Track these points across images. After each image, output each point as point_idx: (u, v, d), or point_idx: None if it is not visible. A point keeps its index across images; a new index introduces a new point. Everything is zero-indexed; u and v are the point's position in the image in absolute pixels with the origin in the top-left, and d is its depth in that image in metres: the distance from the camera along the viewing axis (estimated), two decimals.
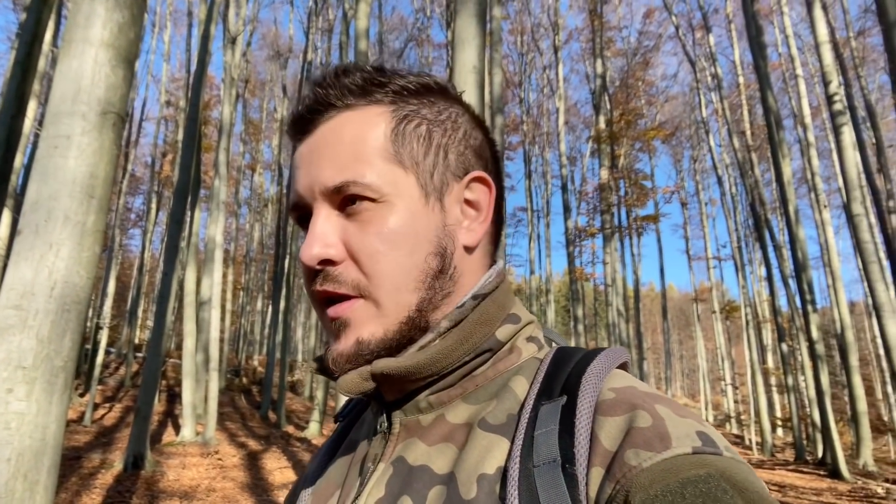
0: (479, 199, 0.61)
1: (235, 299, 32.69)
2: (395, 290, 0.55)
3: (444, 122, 0.61)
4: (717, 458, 0.43)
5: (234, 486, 8.71)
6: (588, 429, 0.47)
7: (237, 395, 20.03)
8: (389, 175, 0.56)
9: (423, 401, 0.58)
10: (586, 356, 0.55)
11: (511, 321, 0.60)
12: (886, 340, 10.33)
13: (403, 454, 0.57)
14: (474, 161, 0.62)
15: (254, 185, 35.59)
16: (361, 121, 0.58)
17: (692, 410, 0.49)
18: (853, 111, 14.25)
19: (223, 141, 13.83)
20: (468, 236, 0.60)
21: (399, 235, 0.55)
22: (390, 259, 0.55)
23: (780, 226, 23.63)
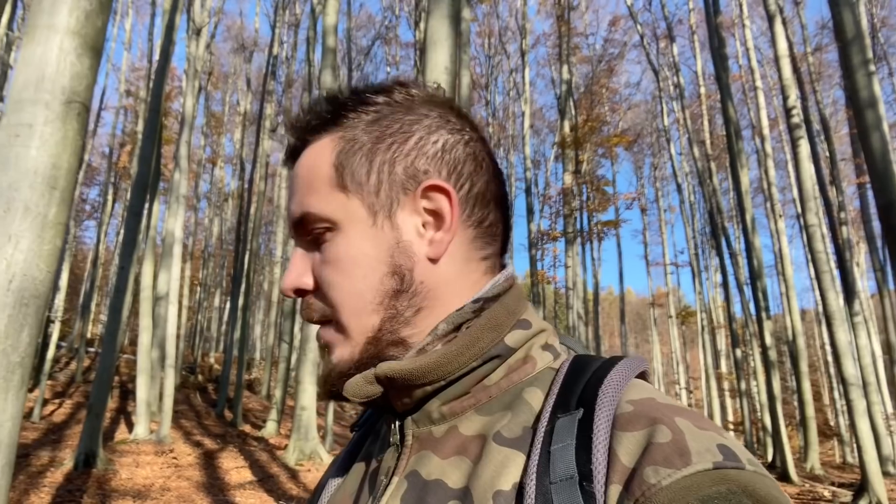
0: (439, 208, 0.59)
1: (192, 295, 32.12)
2: (354, 314, 0.57)
3: (392, 136, 0.60)
4: (739, 472, 0.42)
5: (190, 486, 8.55)
6: (606, 444, 0.46)
7: (192, 392, 19.68)
8: (335, 202, 0.58)
9: (436, 411, 0.57)
10: (603, 366, 0.54)
11: (521, 326, 0.59)
12: (836, 348, 10.62)
13: (417, 468, 0.56)
14: (431, 168, 0.60)
15: (214, 179, 35.04)
16: (314, 153, 0.61)
17: (713, 422, 0.48)
18: (809, 124, 14.64)
19: (185, 133, 13.58)
20: (431, 248, 0.58)
21: (349, 262, 0.57)
22: (345, 287, 0.57)
23: (736, 234, 24.15)
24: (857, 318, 15.95)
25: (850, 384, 10.41)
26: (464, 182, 0.60)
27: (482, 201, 0.61)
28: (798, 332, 15.76)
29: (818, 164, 14.79)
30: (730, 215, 26.26)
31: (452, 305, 0.58)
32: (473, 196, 0.61)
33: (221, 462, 10.59)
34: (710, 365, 29.90)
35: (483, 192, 0.61)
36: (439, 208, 0.59)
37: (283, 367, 15.61)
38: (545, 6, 28.01)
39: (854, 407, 10.42)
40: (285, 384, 15.41)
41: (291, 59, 25.53)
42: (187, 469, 9.68)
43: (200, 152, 31.19)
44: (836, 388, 25.96)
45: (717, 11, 15.65)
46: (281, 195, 27.87)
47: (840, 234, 15.58)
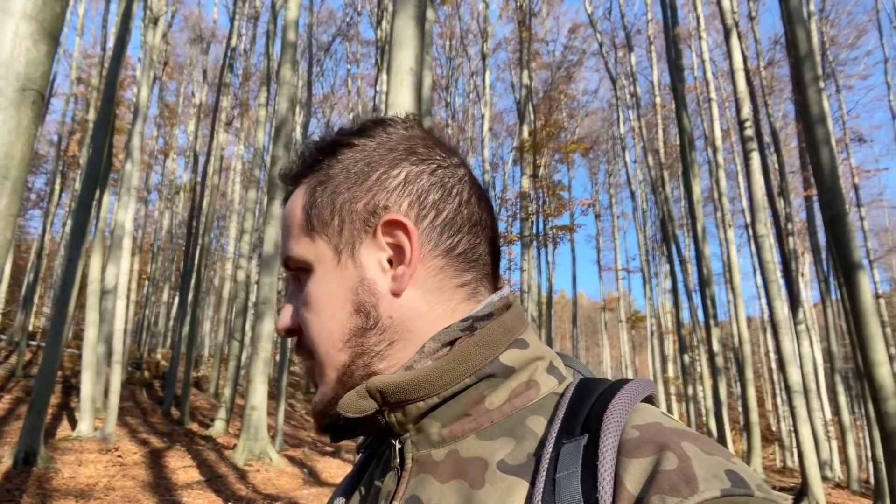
0: (400, 242, 0.59)
1: (140, 289, 31.36)
2: (326, 353, 0.59)
3: (355, 175, 0.61)
4: (747, 499, 0.42)
5: (135, 485, 8.33)
6: (612, 471, 0.45)
7: (138, 389, 19.17)
8: (306, 245, 0.61)
9: (436, 434, 0.56)
10: (609, 389, 0.53)
11: (518, 346, 0.58)
12: (782, 355, 10.94)
13: (416, 492, 0.55)
14: (391, 202, 0.60)
15: (166, 171, 34.24)
16: (292, 199, 0.65)
17: (721, 447, 0.47)
18: (760, 137, 15.07)
19: (138, 124, 13.24)
20: (394, 283, 0.59)
21: (317, 302, 0.60)
22: (316, 326, 0.60)
23: (686, 242, 24.70)
24: (801, 326, 16.48)
25: (794, 391, 10.74)
26: (427, 211, 0.60)
27: (451, 228, 0.60)
28: (744, 339, 16.19)
29: (768, 175, 15.23)
30: (681, 223, 26.85)
31: (429, 335, 0.58)
32: (441, 224, 0.60)
33: (168, 461, 10.35)
34: (658, 369, 30.51)
35: (452, 218, 0.60)
36: (400, 242, 0.59)
37: (233, 365, 15.33)
38: (507, 11, 28.22)
39: (797, 413, 10.75)
40: (235, 383, 15.15)
41: (250, 53, 25.16)
42: (133, 468, 9.43)
43: (153, 143, 30.50)
44: (779, 395, 26.77)
45: (674, 23, 16.00)
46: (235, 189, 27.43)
47: (787, 245, 16.07)
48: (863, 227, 23.25)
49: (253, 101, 25.70)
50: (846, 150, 23.23)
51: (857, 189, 23.10)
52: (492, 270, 0.63)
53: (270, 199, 11.43)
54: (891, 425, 6.13)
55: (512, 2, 24.30)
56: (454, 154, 0.64)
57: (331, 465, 12.23)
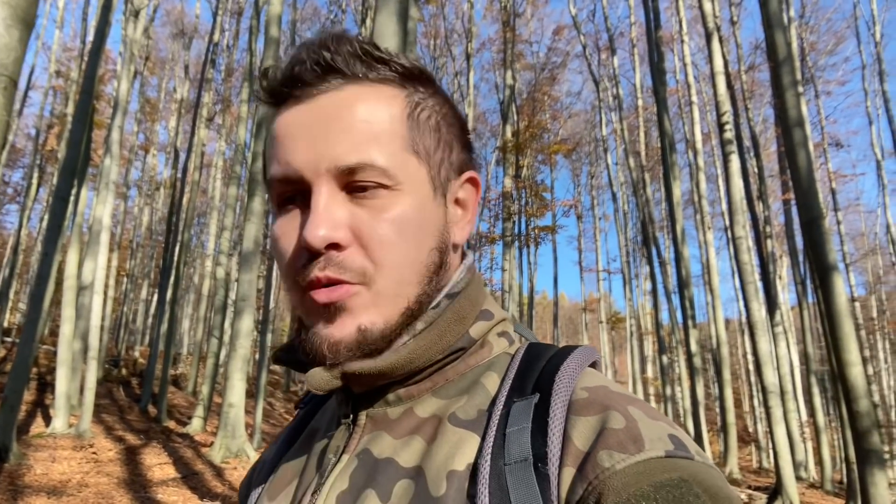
0: (467, 199, 0.61)
1: (118, 286, 31.03)
2: (399, 280, 0.54)
3: (447, 117, 0.60)
4: (689, 462, 0.43)
5: (110, 482, 8.24)
6: (561, 428, 0.47)
7: (115, 386, 18.97)
8: (405, 163, 0.55)
9: (392, 394, 0.57)
10: (559, 353, 0.55)
11: (484, 318, 0.59)
12: (758, 356, 11.05)
13: (369, 446, 0.55)
14: (468, 160, 0.62)
15: (146, 167, 33.91)
16: (375, 99, 0.55)
17: (663, 414, 0.49)
18: (740, 140, 15.21)
19: (118, 118, 13.09)
20: (459, 234, 0.60)
21: (410, 226, 0.54)
22: (400, 249, 0.53)
23: (666, 244, 24.88)
24: (778, 328, 16.66)
25: (770, 392, 10.85)
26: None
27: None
28: (722, 341, 16.34)
29: (747, 179, 15.38)
30: (661, 225, 27.04)
31: (440, 293, 0.58)
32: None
33: (144, 458, 10.25)
34: (638, 370, 30.75)
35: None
36: (467, 199, 0.61)
37: (211, 362, 15.22)
38: (491, 11, 28.25)
39: (772, 414, 10.87)
40: (213, 380, 15.03)
41: (233, 48, 24.98)
42: (108, 465, 9.33)
43: (133, 139, 30.16)
44: (755, 396, 27.03)
45: (657, 26, 16.11)
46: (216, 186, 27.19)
47: (765, 248, 16.24)
48: (839, 231, 23.57)
49: (235, 97, 25.52)
50: (824, 155, 23.54)
51: (834, 193, 23.41)
52: None
53: (251, 195, 11.36)
54: (862, 424, 6.21)
55: (496, 2, 24.36)
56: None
57: None
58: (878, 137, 24.15)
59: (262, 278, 19.80)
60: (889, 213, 23.95)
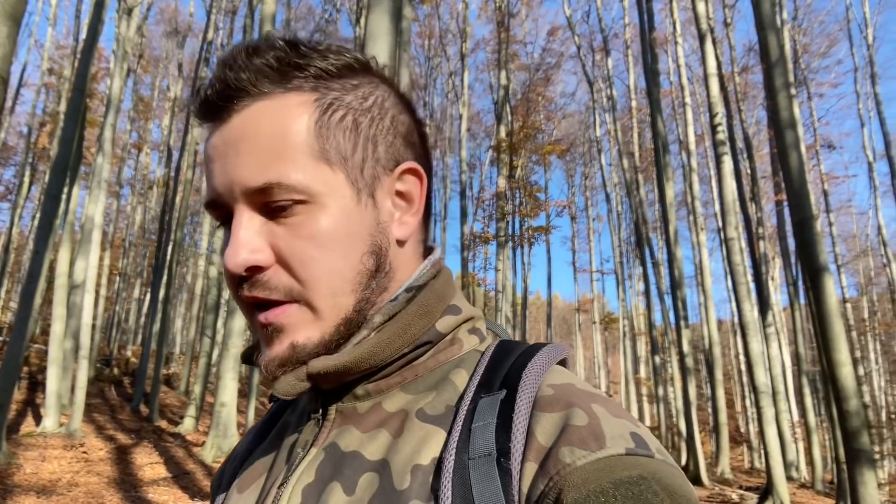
0: (409, 191, 0.59)
1: (111, 285, 30.90)
2: (331, 294, 0.53)
3: (371, 110, 0.57)
4: (649, 460, 0.44)
5: (100, 481, 8.21)
6: (525, 424, 0.47)
7: (107, 386, 18.89)
8: (317, 173, 0.53)
9: (361, 388, 0.57)
10: (528, 351, 0.55)
11: (451, 312, 0.59)
12: (750, 357, 11.09)
13: (336, 440, 0.55)
14: (404, 150, 0.59)
15: (139, 165, 33.80)
16: (281, 111, 0.53)
17: (626, 411, 0.50)
18: (733, 142, 15.26)
19: (110, 116, 13.04)
20: (400, 230, 0.58)
21: (332, 238, 0.53)
22: (324, 263, 0.52)
23: (659, 244, 24.96)
24: (770, 329, 16.71)
25: (761, 392, 10.89)
26: (425, 165, 0.61)
27: (428, 187, 0.61)
28: (714, 342, 16.38)
29: (740, 180, 15.43)
30: (654, 226, 27.10)
31: (400, 287, 0.58)
32: (428, 181, 0.61)
33: (135, 457, 10.22)
34: (630, 370, 30.79)
35: (430, 180, 0.61)
36: (409, 191, 0.59)
37: (203, 362, 15.19)
38: (486, 11, 28.28)
39: (763, 414, 10.90)
40: (205, 380, 15.00)
41: (227, 47, 24.90)
42: (98, 464, 9.29)
43: (126, 137, 30.05)
44: (747, 397, 27.11)
45: (651, 28, 16.15)
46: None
47: (757, 249, 16.29)
48: (831, 232, 23.68)
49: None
50: (816, 157, 23.64)
51: (826, 195, 23.51)
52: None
53: None
54: (852, 424, 6.24)
55: (491, 2, 24.37)
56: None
57: None
58: (869, 139, 24.27)
59: None
60: (880, 215, 24.05)
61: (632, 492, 0.41)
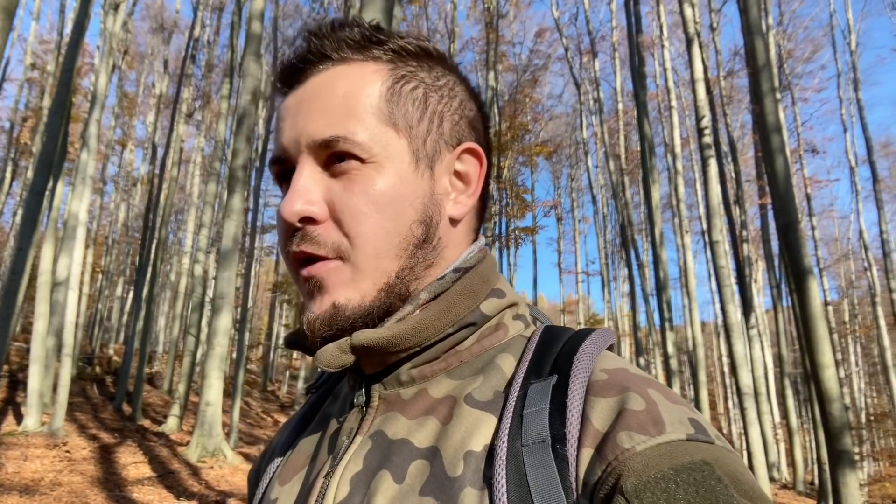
0: (468, 172, 0.60)
1: (94, 282, 30.62)
2: (375, 254, 0.54)
3: (442, 88, 0.60)
4: (710, 446, 0.43)
5: (84, 481, 8.13)
6: (580, 409, 0.47)
7: (89, 384, 18.71)
8: (381, 135, 0.55)
9: (405, 374, 0.57)
10: (576, 336, 0.55)
11: (496, 295, 0.59)
12: (734, 358, 11.18)
13: (382, 428, 0.55)
14: (468, 132, 0.61)
15: (123, 162, 33.49)
16: (356, 76, 0.57)
17: (682, 398, 0.49)
18: (718, 145, 15.36)
19: (95, 112, 12.91)
20: (455, 208, 0.59)
21: (385, 198, 0.54)
22: (374, 222, 0.54)
23: (645, 246, 25.10)
24: (753, 331, 16.86)
25: (745, 394, 10.99)
26: (485, 154, 0.62)
27: (488, 177, 0.63)
28: (698, 343, 16.48)
29: (724, 183, 15.53)
30: (640, 228, 27.24)
31: (447, 268, 0.58)
32: (487, 169, 0.62)
33: (119, 457, 10.13)
34: None
35: (489, 169, 0.62)
36: (468, 172, 0.60)
37: (187, 360, 15.07)
38: (474, 12, 28.31)
39: (747, 415, 11.00)
40: (190, 379, 14.88)
41: (213, 44, 24.76)
42: (81, 463, 9.20)
43: (110, 133, 29.76)
44: (730, 398, 27.34)
45: (638, 31, 16.23)
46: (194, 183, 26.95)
47: (741, 252, 16.43)
48: (814, 236, 23.93)
49: (215, 93, 25.29)
50: (800, 161, 23.88)
51: (809, 199, 23.76)
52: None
53: (230, 192, 11.26)
54: (835, 426, 6.32)
55: (480, 3, 24.40)
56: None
57: None
58: (852, 144, 24.57)
59: (240, 276, 19.64)
60: (862, 219, 24.35)
61: (694, 478, 0.40)
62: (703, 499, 0.39)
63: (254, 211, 19.02)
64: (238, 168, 11.24)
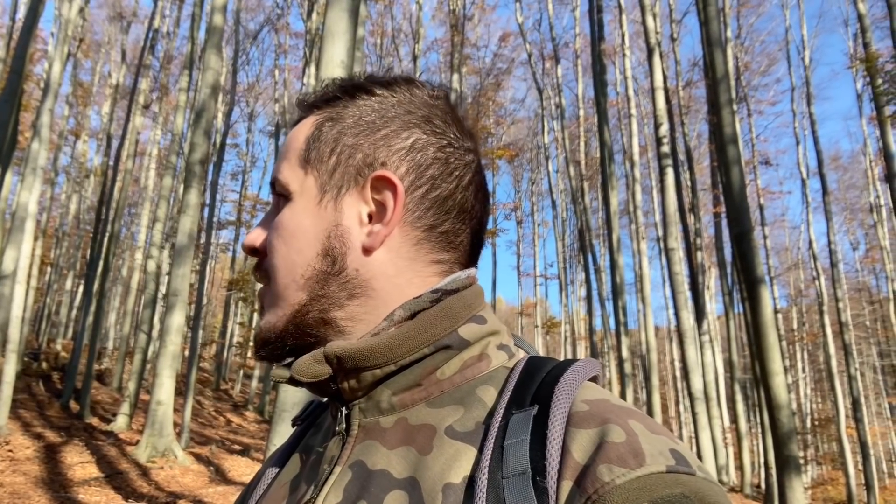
0: (384, 201, 0.59)
1: (42, 276, 29.73)
2: (284, 285, 0.59)
3: (365, 124, 0.61)
4: (690, 478, 0.43)
5: (27, 481, 7.88)
6: (560, 440, 0.46)
7: (35, 381, 18.14)
8: (295, 174, 0.61)
9: (385, 401, 0.56)
10: (559, 366, 0.54)
11: (476, 321, 0.59)
12: (686, 363, 11.40)
13: (362, 457, 0.54)
14: (389, 161, 0.59)
15: (76, 153, 32.60)
16: (300, 126, 0.64)
17: (664, 428, 0.49)
18: (675, 154, 15.67)
19: (48, 101, 12.52)
20: (368, 239, 0.58)
21: (288, 232, 0.59)
22: (281, 254, 0.59)
23: (602, 251, 25.44)
24: (705, 336, 17.21)
25: (696, 398, 11.21)
26: (423, 183, 0.60)
27: (441, 207, 0.60)
28: (652, 348, 16.76)
29: (681, 191, 15.85)
30: (597, 233, 27.59)
31: (392, 299, 0.58)
32: (432, 200, 0.60)
33: (65, 456, 9.84)
34: None
35: (445, 198, 0.60)
36: (385, 201, 0.59)
37: (138, 358, 14.74)
38: (440, 14, 28.33)
39: (698, 420, 11.23)
40: (140, 377, 14.56)
41: (173, 35, 24.28)
42: (25, 463, 8.91)
43: (63, 123, 28.97)
44: (682, 402, 27.86)
45: (601, 39, 16.45)
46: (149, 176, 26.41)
47: (695, 259, 16.77)
48: (766, 245, 24.55)
49: (173, 85, 24.83)
50: (754, 172, 24.49)
51: (762, 209, 24.38)
52: (468, 259, 0.64)
53: (187, 187, 11.06)
54: (782, 431, 6.48)
55: (445, 5, 24.42)
56: (470, 138, 0.65)
57: (239, 464, 11.92)
58: (804, 157, 25.26)
59: (195, 273, 19.30)
60: (811, 230, 25.05)
61: None
62: None
63: (210, 206, 18.73)
64: (195, 162, 11.04)
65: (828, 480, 27.69)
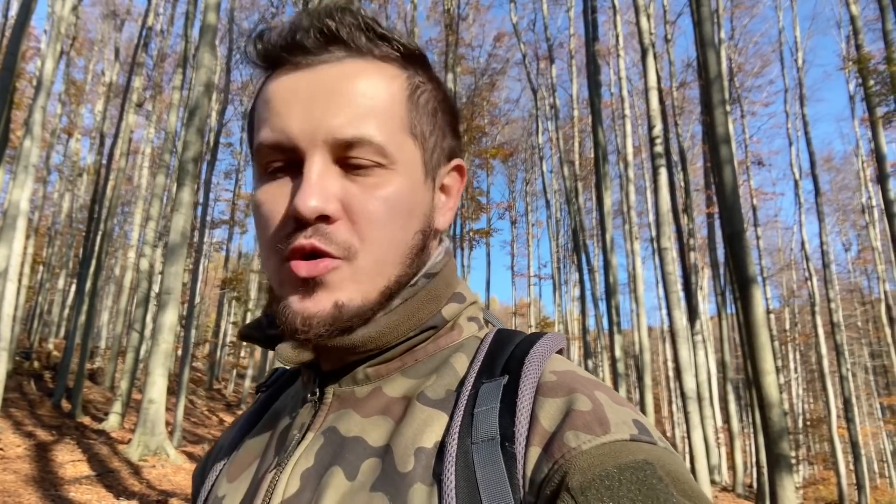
0: (451, 185, 0.63)
1: (34, 274, 29.59)
2: (381, 259, 0.54)
3: (442, 103, 0.61)
4: (652, 447, 0.45)
5: (17, 479, 7.85)
6: (529, 408, 0.48)
7: (26, 380, 18.07)
8: (402, 143, 0.55)
9: (361, 372, 0.57)
10: (528, 339, 0.56)
11: (457, 300, 0.61)
12: (679, 363, 11.42)
13: (336, 424, 0.55)
14: (457, 148, 0.63)
15: (69, 151, 32.45)
16: (377, 76, 0.55)
17: (628, 401, 0.51)
18: (669, 155, 15.69)
19: (40, 98, 12.47)
20: (442, 220, 0.61)
21: (398, 206, 0.54)
22: (387, 228, 0.54)
23: (596, 252, 25.48)
24: (698, 337, 17.26)
25: (689, 398, 11.23)
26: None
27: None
28: (645, 347, 16.80)
29: (674, 192, 15.89)
30: (591, 234, 27.66)
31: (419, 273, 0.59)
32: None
33: (56, 455, 9.81)
34: None
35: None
36: (452, 185, 0.63)
37: (130, 357, 14.70)
38: (434, 13, 28.31)
39: (690, 419, 11.25)
40: (133, 376, 14.52)
41: (167, 33, 24.22)
42: (16, 461, 8.88)
43: (56, 121, 28.84)
44: (675, 402, 27.93)
45: (595, 39, 16.46)
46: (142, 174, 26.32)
47: (688, 259, 16.81)
48: (758, 245, 24.64)
49: (167, 83, 24.76)
50: (747, 173, 24.58)
51: (755, 210, 24.46)
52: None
53: (180, 185, 11.03)
54: (774, 431, 6.51)
55: (440, 5, 24.42)
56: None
57: None
58: (796, 158, 25.35)
59: (188, 272, 19.23)
60: (804, 231, 25.13)
61: (637, 476, 0.41)
62: (644, 497, 0.40)
63: (204, 205, 18.67)
64: (189, 161, 11.01)
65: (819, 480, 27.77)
